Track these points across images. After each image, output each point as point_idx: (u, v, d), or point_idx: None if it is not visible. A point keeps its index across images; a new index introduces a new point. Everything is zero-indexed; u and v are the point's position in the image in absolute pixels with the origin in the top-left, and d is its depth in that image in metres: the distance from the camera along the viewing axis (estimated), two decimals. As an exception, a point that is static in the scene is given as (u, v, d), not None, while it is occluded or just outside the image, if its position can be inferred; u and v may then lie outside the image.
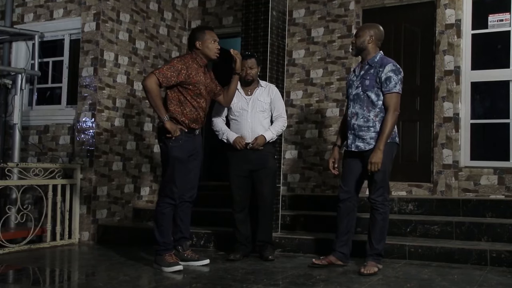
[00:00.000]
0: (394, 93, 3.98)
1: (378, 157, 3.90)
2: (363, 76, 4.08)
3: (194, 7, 7.12)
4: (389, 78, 3.97)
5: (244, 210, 4.64)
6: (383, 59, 4.06)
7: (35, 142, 6.24)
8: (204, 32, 4.25)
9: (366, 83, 4.04)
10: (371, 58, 4.08)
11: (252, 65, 4.61)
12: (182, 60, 4.17)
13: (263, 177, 4.59)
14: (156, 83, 4.03)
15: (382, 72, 3.98)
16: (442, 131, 5.61)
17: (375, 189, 4.00)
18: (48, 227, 5.40)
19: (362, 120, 4.04)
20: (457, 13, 5.64)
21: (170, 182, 4.13)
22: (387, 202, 4.03)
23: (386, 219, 4.04)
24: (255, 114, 4.61)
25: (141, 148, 6.33)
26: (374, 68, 4.04)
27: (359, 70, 4.16)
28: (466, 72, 5.65)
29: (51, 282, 4.05)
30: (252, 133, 4.58)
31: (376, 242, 4.02)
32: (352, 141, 4.08)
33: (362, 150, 4.04)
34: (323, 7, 6.24)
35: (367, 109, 4.03)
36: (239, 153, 4.59)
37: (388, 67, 3.99)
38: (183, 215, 4.37)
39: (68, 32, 6.25)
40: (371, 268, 3.92)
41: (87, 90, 5.82)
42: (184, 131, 4.13)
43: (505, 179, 5.30)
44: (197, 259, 4.35)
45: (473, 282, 3.66)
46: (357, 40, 4.11)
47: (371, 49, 4.09)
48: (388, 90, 3.98)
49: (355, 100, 4.09)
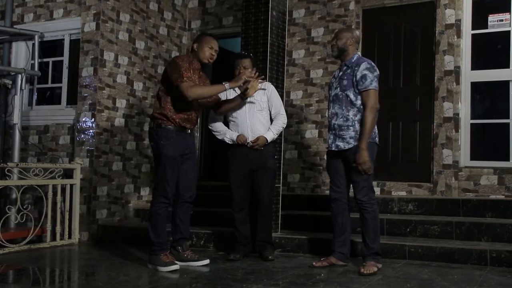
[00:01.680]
0: (371, 89, 4.03)
1: (364, 156, 3.95)
2: (341, 77, 4.17)
3: (194, 7, 7.12)
4: (364, 76, 4.03)
5: (243, 210, 4.64)
6: (359, 59, 4.15)
7: (35, 142, 6.24)
8: (204, 37, 4.32)
9: (344, 83, 4.11)
10: (349, 59, 4.17)
11: (247, 65, 4.58)
12: (182, 58, 4.19)
13: (263, 177, 4.58)
14: (191, 86, 4.06)
15: (357, 70, 4.06)
16: (442, 131, 5.61)
17: (359, 189, 4.04)
18: (48, 227, 5.40)
19: (342, 119, 4.09)
20: (457, 13, 5.64)
21: (163, 181, 4.13)
22: (373, 200, 4.05)
23: (376, 217, 4.06)
24: (253, 114, 4.60)
25: (141, 148, 6.33)
26: (351, 68, 4.13)
27: (338, 72, 4.26)
28: (466, 72, 5.64)
29: (51, 282, 4.05)
30: (252, 133, 4.58)
31: (371, 242, 4.04)
32: (333, 141, 4.15)
33: (342, 149, 4.09)
34: (323, 7, 6.24)
35: (346, 109, 4.09)
36: (239, 153, 4.59)
37: (363, 65, 4.06)
38: (183, 215, 4.36)
39: (68, 32, 6.25)
40: (371, 268, 3.93)
41: (87, 90, 5.82)
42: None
43: (505, 179, 5.30)
44: (197, 259, 4.34)
45: (473, 282, 3.65)
46: (338, 42, 4.20)
47: (350, 51, 4.17)
48: (364, 87, 4.03)
49: (334, 101, 4.17)
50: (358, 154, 3.96)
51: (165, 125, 4.14)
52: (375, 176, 5.57)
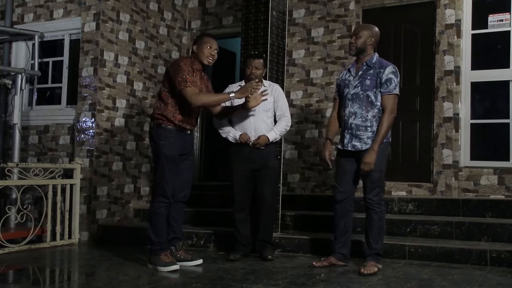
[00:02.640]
0: (393, 94, 4.01)
1: (372, 158, 3.92)
2: (363, 76, 4.09)
3: (194, 7, 7.12)
4: (390, 80, 4.00)
5: (244, 210, 4.63)
6: (381, 61, 4.11)
7: (35, 142, 6.24)
8: (202, 37, 4.29)
9: (366, 83, 4.05)
10: (369, 59, 4.11)
11: (259, 66, 4.58)
12: (185, 62, 4.17)
13: (265, 177, 4.59)
14: (196, 93, 4.07)
15: (383, 73, 4.02)
16: (442, 131, 5.61)
17: (371, 188, 4.01)
18: (48, 227, 5.40)
19: (360, 119, 4.05)
20: (457, 13, 5.64)
21: (162, 181, 4.13)
22: (382, 201, 4.04)
23: (382, 218, 4.05)
24: (258, 114, 4.60)
25: (141, 148, 6.33)
26: (373, 69, 4.07)
27: (355, 70, 4.17)
28: (466, 72, 5.64)
29: (51, 282, 4.05)
30: (256, 133, 4.58)
31: (374, 242, 4.03)
32: (349, 141, 4.09)
33: (359, 149, 4.04)
34: (323, 7, 6.24)
35: (366, 109, 4.04)
36: (241, 153, 4.59)
37: (389, 69, 4.03)
38: (177, 215, 4.36)
39: (68, 32, 6.25)
40: (371, 268, 3.93)
41: (87, 90, 5.82)
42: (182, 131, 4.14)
43: (505, 179, 5.30)
44: (190, 259, 4.34)
45: (473, 282, 3.65)
46: (357, 40, 4.12)
47: (369, 50, 4.12)
48: (388, 91, 4.00)
49: (353, 100, 4.09)
50: (368, 154, 3.93)
51: (165, 125, 4.15)
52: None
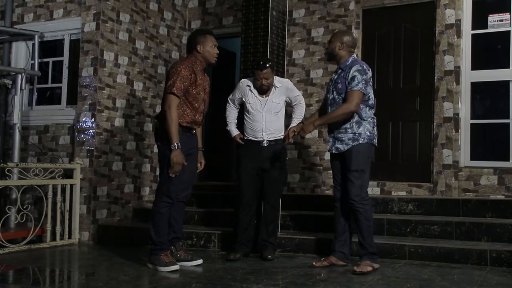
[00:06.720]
0: (355, 90, 4.03)
1: (304, 129, 4.15)
2: (336, 81, 4.19)
3: (194, 7, 7.12)
4: (354, 77, 4.05)
5: (250, 209, 4.62)
6: (353, 62, 4.16)
7: (35, 142, 6.24)
8: (205, 36, 4.26)
9: (338, 87, 4.15)
10: (343, 62, 4.18)
11: (268, 76, 4.57)
12: (186, 65, 4.14)
13: (274, 176, 4.60)
14: (175, 105, 4.05)
15: (349, 73, 4.08)
16: (442, 131, 5.61)
17: (350, 188, 4.05)
18: (48, 227, 5.40)
19: (339, 122, 4.12)
20: (457, 13, 5.64)
21: (168, 181, 4.13)
22: (365, 201, 4.06)
23: (369, 217, 4.07)
24: (269, 115, 4.64)
25: (141, 148, 6.33)
26: (344, 71, 4.14)
27: (334, 75, 4.27)
28: (466, 72, 5.64)
29: (51, 282, 4.05)
30: (265, 134, 4.61)
31: (365, 241, 4.06)
32: (333, 144, 4.20)
33: (342, 151, 4.13)
34: (323, 7, 6.24)
35: None
36: (251, 151, 4.63)
37: (355, 67, 4.08)
38: (177, 215, 4.36)
39: (68, 32, 6.24)
40: (365, 267, 3.94)
41: (87, 90, 5.82)
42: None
43: (505, 179, 5.30)
44: (190, 259, 4.34)
45: (473, 282, 3.66)
46: (328, 46, 4.26)
47: (343, 55, 4.19)
48: (351, 87, 4.05)
49: (332, 104, 4.20)
50: (303, 125, 4.17)
51: None
52: (375, 176, 5.62)
